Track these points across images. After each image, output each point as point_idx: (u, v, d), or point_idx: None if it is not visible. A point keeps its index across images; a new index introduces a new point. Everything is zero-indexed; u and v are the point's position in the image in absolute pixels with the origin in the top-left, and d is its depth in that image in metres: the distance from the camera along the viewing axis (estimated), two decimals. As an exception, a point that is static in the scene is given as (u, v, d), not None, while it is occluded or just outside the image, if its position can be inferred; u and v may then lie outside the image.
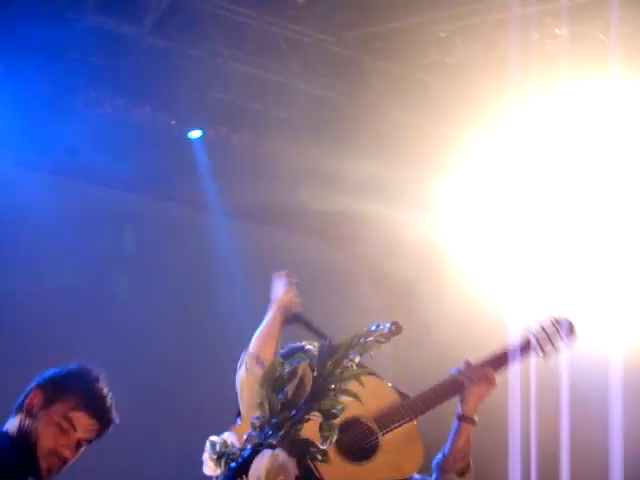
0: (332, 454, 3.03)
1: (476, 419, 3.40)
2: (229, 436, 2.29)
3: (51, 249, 5.99)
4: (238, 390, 3.41)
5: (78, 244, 6.08)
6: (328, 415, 2.28)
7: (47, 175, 6.08)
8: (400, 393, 3.38)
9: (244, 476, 2.18)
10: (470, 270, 6.55)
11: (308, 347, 2.35)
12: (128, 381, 5.97)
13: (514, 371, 3.64)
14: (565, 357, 4.66)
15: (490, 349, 3.51)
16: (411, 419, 3.32)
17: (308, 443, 2.23)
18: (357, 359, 2.40)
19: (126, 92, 5.97)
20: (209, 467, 2.26)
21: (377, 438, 3.27)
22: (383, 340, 2.78)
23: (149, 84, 5.95)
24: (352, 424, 3.23)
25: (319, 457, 2.24)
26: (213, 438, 2.27)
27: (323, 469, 3.11)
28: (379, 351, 2.51)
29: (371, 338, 2.46)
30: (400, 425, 3.29)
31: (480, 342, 6.31)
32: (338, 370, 2.33)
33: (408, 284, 7.02)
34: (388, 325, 3.00)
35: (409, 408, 3.33)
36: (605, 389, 4.73)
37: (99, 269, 6.17)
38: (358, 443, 3.25)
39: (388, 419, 3.28)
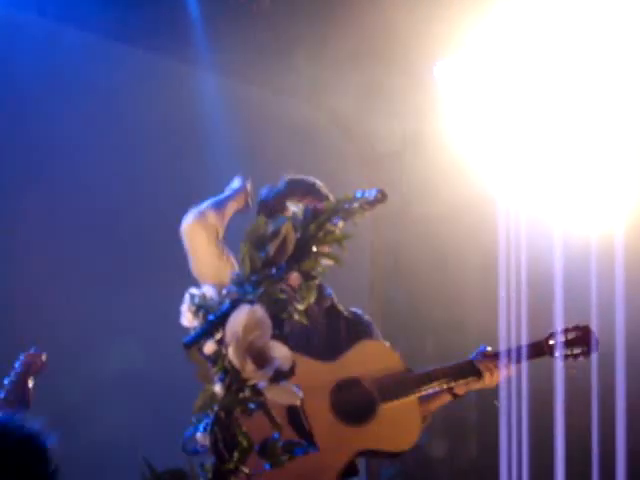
0: (325, 410, 3.05)
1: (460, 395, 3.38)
2: (209, 290, 2.32)
3: (33, 101, 5.90)
4: (186, 243, 3.25)
5: (64, 95, 5.98)
6: (308, 276, 2.31)
7: (32, 18, 5.94)
8: (406, 367, 3.30)
9: (221, 329, 2.21)
10: (460, 146, 6.53)
11: (293, 209, 2.37)
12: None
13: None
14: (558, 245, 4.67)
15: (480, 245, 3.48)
16: (414, 393, 3.24)
17: (286, 301, 2.27)
18: (340, 224, 2.42)
19: None
20: (187, 318, 2.30)
21: (375, 404, 3.19)
22: (367, 207, 2.79)
23: None
24: (353, 385, 3.16)
25: (296, 316, 2.28)
26: (192, 290, 2.30)
27: (314, 423, 3.02)
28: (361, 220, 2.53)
29: (355, 204, 2.48)
30: (402, 397, 3.21)
31: (464, 217, 6.40)
32: (321, 233, 2.35)
33: (393, 158, 7.02)
34: (374, 192, 3.00)
35: (415, 382, 3.26)
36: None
37: (84, 123, 6.09)
38: (355, 405, 3.16)
39: (391, 388, 3.20)
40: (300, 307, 2.32)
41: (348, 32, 6.39)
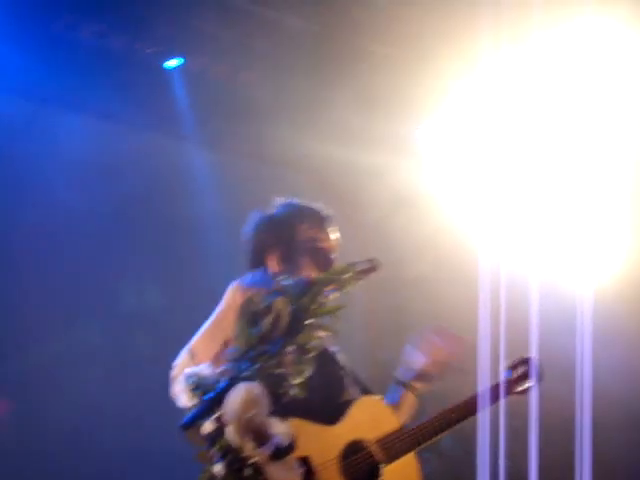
0: (337, 478, 3.05)
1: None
2: (204, 369, 2.31)
3: (26, 175, 5.95)
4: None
5: (51, 173, 6.04)
6: (303, 350, 2.31)
7: (21, 100, 6.01)
8: (401, 423, 3.29)
9: (218, 408, 2.20)
10: (445, 206, 6.59)
11: (285, 282, 2.37)
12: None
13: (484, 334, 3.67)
14: (535, 299, 4.73)
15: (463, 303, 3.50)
16: (414, 449, 3.23)
17: (282, 377, 2.26)
18: (332, 296, 2.43)
19: (103, 19, 5.86)
20: (184, 398, 2.29)
21: (380, 467, 3.16)
22: (359, 277, 2.80)
23: (127, 11, 5.84)
24: (358, 449, 3.13)
25: (293, 391, 2.28)
26: (188, 370, 2.29)
27: None
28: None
29: (347, 275, 2.48)
30: (403, 455, 3.20)
31: (451, 280, 6.43)
32: (314, 306, 2.35)
33: (382, 221, 7.06)
34: (365, 262, 3.00)
35: (413, 438, 3.23)
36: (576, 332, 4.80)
37: (74, 200, 6.14)
38: (362, 470, 3.12)
39: (393, 448, 3.18)
40: (297, 381, 2.31)
41: (333, 102, 6.48)
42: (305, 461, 2.88)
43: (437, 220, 6.55)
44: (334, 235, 3.26)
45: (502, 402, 3.48)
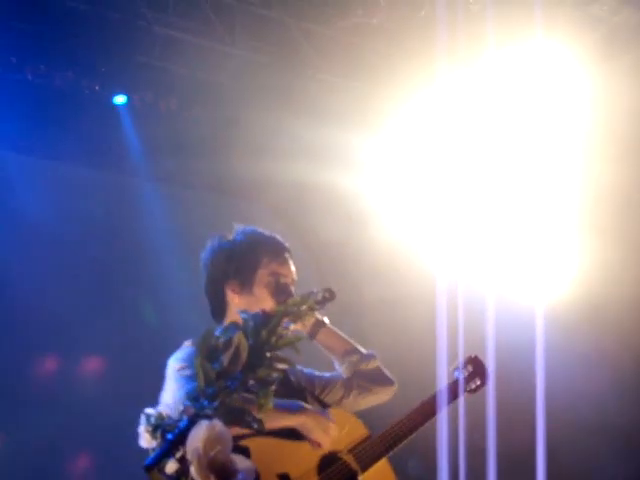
0: None
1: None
2: (164, 408, 2.28)
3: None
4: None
5: (6, 216, 5.98)
6: (264, 383, 2.29)
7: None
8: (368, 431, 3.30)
9: (181, 447, 2.18)
10: (399, 228, 6.62)
11: (243, 316, 2.35)
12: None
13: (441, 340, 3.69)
14: (491, 313, 4.77)
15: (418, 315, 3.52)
16: (386, 454, 3.24)
17: (244, 411, 2.24)
18: (292, 327, 2.42)
19: (47, 57, 5.83)
20: (145, 439, 2.26)
21: (356, 475, 3.17)
22: (317, 307, 2.79)
23: (71, 49, 5.81)
24: (333, 461, 3.13)
25: (255, 425, 2.25)
26: (148, 410, 2.26)
27: None
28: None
29: (304, 306, 2.48)
30: (376, 462, 3.20)
31: (410, 302, 6.45)
32: (273, 338, 2.34)
33: (338, 246, 7.07)
34: (321, 292, 2.99)
35: (386, 441, 3.25)
36: (532, 345, 4.84)
37: (23, 240, 6.07)
38: None
39: (366, 456, 3.19)
40: (258, 415, 2.29)
41: (279, 127, 6.49)
42: (284, 477, 2.88)
43: (392, 239, 6.58)
44: (292, 267, 3.26)
45: (460, 403, 3.51)
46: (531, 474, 4.57)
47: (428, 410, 3.35)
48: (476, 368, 3.60)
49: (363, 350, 3.48)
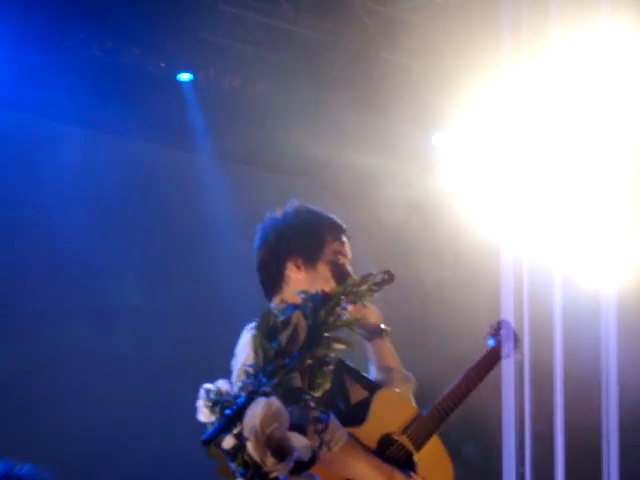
0: None
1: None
2: (223, 384, 2.31)
3: (40, 191, 6.00)
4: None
5: (65, 188, 6.08)
6: (322, 363, 2.30)
7: (36, 118, 6.05)
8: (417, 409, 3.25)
9: (238, 423, 2.20)
10: (461, 211, 6.57)
11: (302, 296, 2.37)
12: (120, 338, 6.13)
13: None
14: (558, 300, 4.71)
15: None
16: (438, 429, 3.20)
17: (302, 391, 2.26)
18: (349, 307, 2.43)
19: (115, 34, 5.90)
20: (204, 414, 2.29)
21: (412, 455, 3.14)
22: (375, 289, 2.79)
23: (138, 26, 5.88)
24: (387, 443, 3.11)
25: (312, 404, 2.27)
26: (207, 385, 2.29)
27: None
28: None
29: (364, 287, 2.48)
30: (429, 439, 3.16)
31: (472, 284, 6.41)
32: (331, 318, 2.35)
33: (398, 228, 7.05)
34: (380, 274, 2.99)
35: (435, 417, 3.20)
36: (597, 331, 4.78)
37: (88, 211, 6.17)
38: (396, 463, 3.08)
39: (418, 434, 3.15)
40: (316, 395, 2.31)
41: (344, 108, 6.49)
42: None
43: (454, 223, 6.54)
44: (349, 248, 3.26)
45: (525, 386, 3.44)
46: (598, 460, 4.52)
47: (470, 381, 3.31)
48: (506, 332, 3.48)
49: (405, 371, 3.45)
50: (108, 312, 6.18)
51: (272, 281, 3.22)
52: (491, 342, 3.47)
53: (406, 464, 3.12)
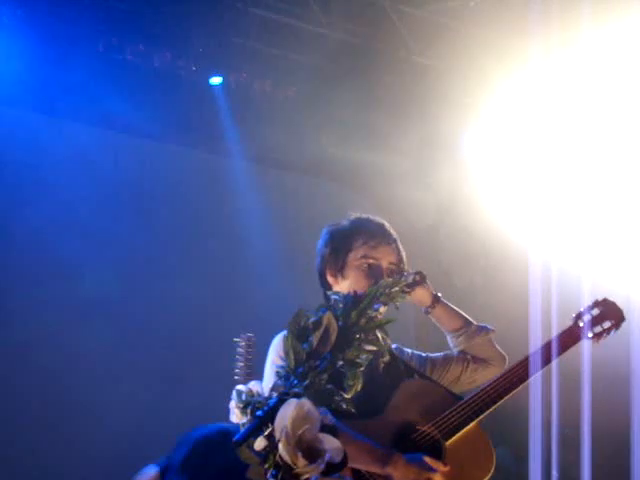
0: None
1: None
2: (255, 385, 2.31)
3: (69, 195, 6.04)
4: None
5: (98, 191, 6.12)
6: (353, 365, 2.30)
7: (66, 121, 6.10)
8: (452, 393, 3.21)
9: (270, 424, 2.20)
10: (492, 214, 6.54)
11: (333, 297, 2.37)
12: (147, 338, 6.14)
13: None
14: (587, 301, 4.67)
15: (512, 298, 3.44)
16: (473, 419, 3.14)
17: (333, 392, 2.25)
18: (382, 309, 2.42)
19: (147, 38, 5.94)
20: (236, 415, 2.29)
21: (440, 444, 3.10)
22: (408, 290, 2.78)
23: (169, 30, 5.91)
24: (409, 432, 3.09)
25: (344, 405, 2.26)
26: (240, 387, 2.29)
27: None
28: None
29: (396, 288, 2.47)
30: (462, 427, 3.11)
31: (503, 288, 6.38)
32: (363, 320, 2.34)
33: (429, 231, 7.03)
34: (412, 275, 2.98)
35: (469, 409, 3.15)
36: (627, 336, 4.73)
37: (120, 215, 6.21)
38: (421, 451, 3.05)
39: (448, 422, 3.11)
40: (347, 396, 2.30)
41: (375, 111, 6.48)
42: None
43: (485, 227, 6.50)
44: (392, 252, 3.24)
45: (553, 393, 3.37)
46: (627, 467, 4.48)
47: (515, 375, 3.24)
48: (606, 310, 3.28)
49: (476, 323, 3.41)
50: (133, 316, 6.19)
51: (323, 288, 3.30)
52: (579, 321, 3.26)
53: (432, 452, 3.08)
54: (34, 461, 5.78)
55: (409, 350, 3.39)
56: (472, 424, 3.15)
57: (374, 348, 2.35)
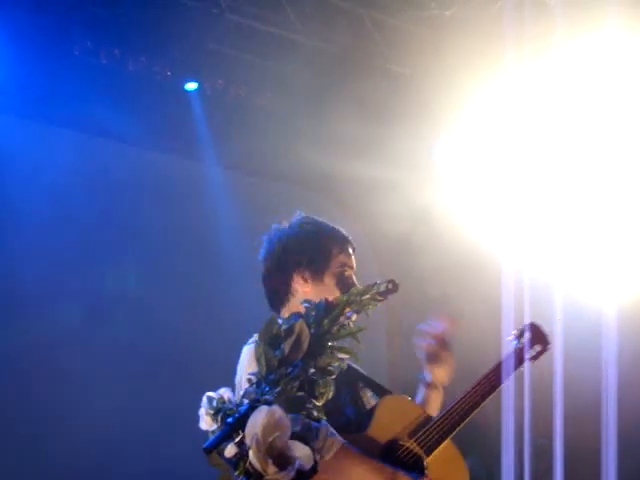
0: None
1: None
2: (225, 392, 2.31)
3: (43, 199, 6.01)
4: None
5: (70, 195, 6.09)
6: (325, 372, 2.30)
7: (40, 124, 6.07)
8: (427, 413, 3.22)
9: (240, 431, 2.20)
10: (465, 224, 6.57)
11: (305, 305, 2.36)
12: (132, 349, 6.12)
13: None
14: (559, 314, 4.70)
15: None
16: (451, 433, 3.15)
17: (304, 400, 2.25)
18: (353, 317, 2.42)
19: (122, 42, 5.92)
20: (205, 422, 2.28)
21: (422, 460, 3.10)
22: (379, 298, 2.78)
23: (145, 34, 5.90)
24: (394, 448, 3.07)
25: (315, 413, 2.27)
26: (210, 393, 2.29)
27: None
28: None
29: (367, 296, 2.48)
30: (441, 443, 3.12)
31: (475, 297, 6.41)
32: (335, 327, 2.35)
33: (402, 240, 7.05)
34: (384, 283, 2.98)
35: (448, 421, 3.17)
36: (598, 347, 4.76)
37: (94, 221, 6.18)
38: (404, 467, 3.04)
39: (429, 439, 3.12)
40: (318, 404, 2.30)
41: (349, 119, 6.49)
42: None
43: (457, 235, 6.53)
44: (355, 260, 3.25)
45: (525, 402, 3.40)
46: (597, 474, 4.50)
47: (488, 385, 3.27)
48: (535, 334, 3.42)
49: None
50: (112, 318, 6.18)
51: (278, 293, 3.20)
52: (515, 343, 3.41)
53: (415, 468, 3.10)
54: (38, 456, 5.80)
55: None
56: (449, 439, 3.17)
57: (346, 356, 2.36)
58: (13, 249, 5.91)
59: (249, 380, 2.29)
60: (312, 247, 3.19)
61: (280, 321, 2.35)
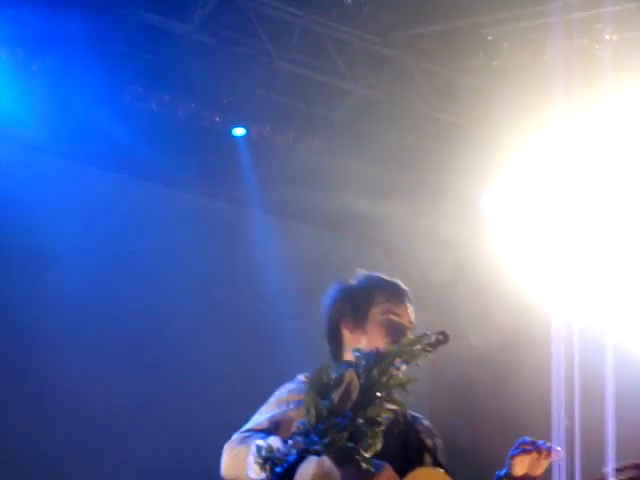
0: None
1: None
2: (274, 441, 2.30)
3: (96, 243, 6.07)
4: None
5: (123, 240, 6.15)
6: (373, 423, 2.28)
7: (91, 169, 6.15)
8: None
9: (289, 481, 2.19)
10: (510, 273, 6.52)
11: (356, 354, 2.36)
12: (160, 387, 6.13)
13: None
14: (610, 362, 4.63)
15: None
16: None
17: (353, 451, 2.23)
18: (404, 367, 2.40)
19: (172, 88, 6.01)
20: (254, 470, 2.28)
21: None
22: (430, 349, 2.76)
23: (195, 81, 5.98)
24: None
25: (364, 465, 2.25)
26: (259, 442, 2.28)
27: None
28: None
29: (418, 346, 2.46)
30: None
31: (519, 346, 6.34)
32: (384, 378, 2.33)
33: (446, 288, 7.01)
34: (435, 334, 2.95)
35: None
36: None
37: (144, 264, 6.23)
38: None
39: None
40: (367, 455, 2.29)
41: (393, 165, 6.51)
42: None
43: (503, 286, 6.47)
44: (410, 311, 3.22)
45: None
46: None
47: None
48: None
49: None
50: (155, 360, 6.20)
51: (335, 346, 3.20)
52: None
53: None
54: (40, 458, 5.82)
55: (419, 416, 3.31)
56: None
57: (395, 407, 2.34)
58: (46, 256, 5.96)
59: (298, 429, 2.28)
60: (354, 296, 3.21)
61: (330, 369, 2.34)
